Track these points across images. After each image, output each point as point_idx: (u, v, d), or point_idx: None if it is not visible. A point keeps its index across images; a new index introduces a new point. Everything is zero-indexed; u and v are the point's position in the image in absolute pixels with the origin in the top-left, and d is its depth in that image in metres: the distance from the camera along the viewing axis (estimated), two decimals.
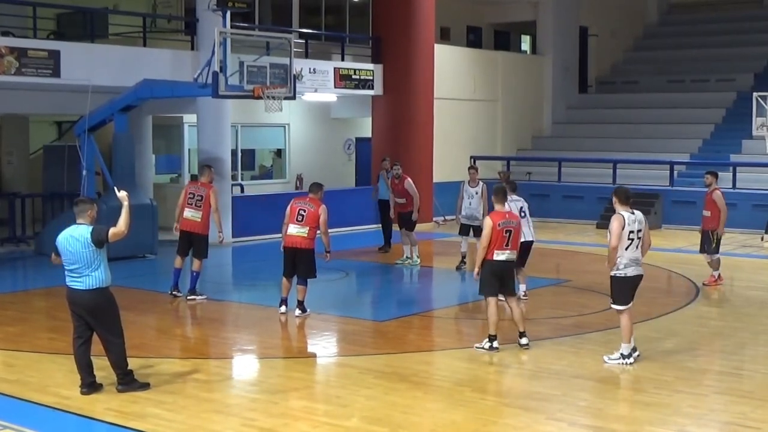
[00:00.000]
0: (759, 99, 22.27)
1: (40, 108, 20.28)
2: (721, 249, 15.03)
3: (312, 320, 12.54)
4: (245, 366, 10.61)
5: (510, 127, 28.22)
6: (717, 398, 8.85)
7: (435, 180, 23.79)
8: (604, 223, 22.53)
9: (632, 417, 8.19)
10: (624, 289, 9.83)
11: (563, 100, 30.06)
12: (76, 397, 8.65)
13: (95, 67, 17.47)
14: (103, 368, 9.78)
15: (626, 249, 9.66)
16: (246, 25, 20.10)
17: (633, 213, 9.73)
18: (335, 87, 22.31)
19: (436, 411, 8.41)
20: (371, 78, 23.10)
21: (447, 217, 23.35)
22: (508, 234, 10.29)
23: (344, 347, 11.18)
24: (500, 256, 10.24)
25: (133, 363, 9.93)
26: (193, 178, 17.02)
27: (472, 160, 26.26)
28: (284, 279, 12.56)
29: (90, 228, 8.78)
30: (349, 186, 25.29)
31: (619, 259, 9.69)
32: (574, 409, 8.49)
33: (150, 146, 22.35)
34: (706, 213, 14.87)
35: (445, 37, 28.48)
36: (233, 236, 19.73)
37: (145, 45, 19.78)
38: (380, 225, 19.32)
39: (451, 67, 25.50)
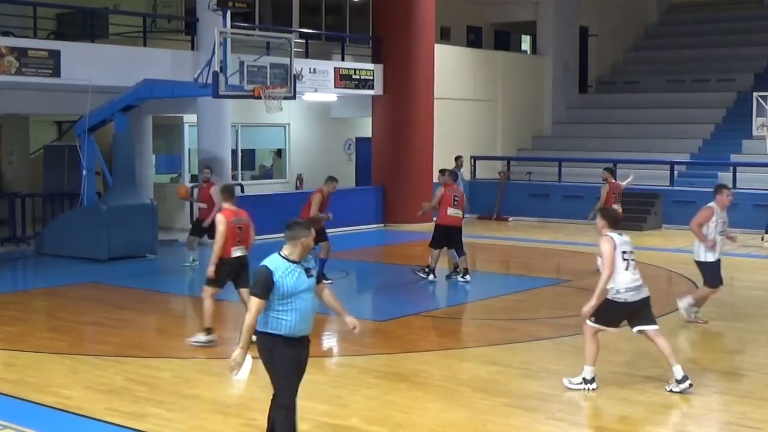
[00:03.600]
0: (759, 99, 22.28)
1: (40, 108, 20.29)
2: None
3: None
4: (245, 366, 10.59)
5: (510, 127, 28.22)
6: (717, 398, 8.85)
7: (435, 180, 23.76)
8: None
9: (632, 417, 8.18)
10: (620, 314, 9.03)
11: (563, 100, 30.06)
12: (76, 397, 8.65)
13: (95, 67, 17.47)
14: (103, 368, 9.78)
15: (624, 271, 8.89)
16: (246, 25, 20.10)
17: (621, 234, 9.08)
18: (335, 87, 22.31)
19: (436, 411, 8.40)
20: (371, 78, 23.10)
21: None
22: (240, 230, 10.70)
23: (344, 347, 11.18)
24: (236, 252, 10.73)
25: (133, 363, 9.95)
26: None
27: (472, 160, 26.31)
28: None
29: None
30: (350, 186, 25.28)
31: (614, 286, 8.87)
32: (574, 409, 8.49)
33: (150, 146, 22.35)
34: None
35: (445, 37, 28.48)
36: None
37: (145, 45, 19.78)
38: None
39: (451, 67, 25.50)
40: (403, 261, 17.49)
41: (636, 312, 9.02)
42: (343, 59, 22.87)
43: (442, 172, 15.62)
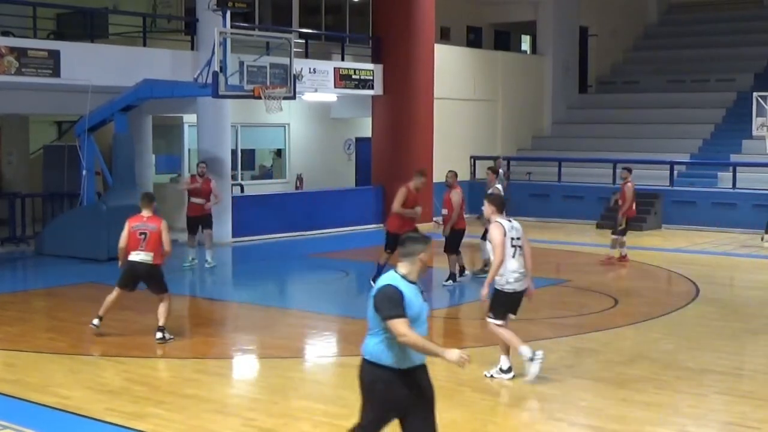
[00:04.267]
0: (759, 99, 22.28)
1: (40, 108, 20.28)
2: (721, 249, 15.03)
3: (312, 320, 12.55)
4: (245, 366, 10.62)
5: (510, 127, 28.22)
6: (717, 398, 8.85)
7: (435, 180, 23.77)
8: (604, 223, 22.65)
9: (632, 417, 8.18)
10: (507, 303, 9.20)
11: (563, 100, 30.06)
12: (76, 397, 8.65)
13: (95, 67, 17.47)
14: (103, 368, 9.79)
15: (512, 258, 8.96)
16: (246, 25, 20.10)
17: (510, 221, 9.13)
18: (335, 87, 22.30)
19: (436, 411, 8.40)
20: (371, 78, 23.10)
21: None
22: (143, 236, 10.74)
23: (344, 347, 11.18)
24: (135, 257, 10.75)
25: (133, 363, 9.95)
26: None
27: (472, 159, 26.31)
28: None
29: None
30: (349, 186, 25.29)
31: (503, 273, 8.96)
32: (574, 409, 8.49)
33: (150, 146, 22.35)
34: None
35: (445, 37, 28.47)
36: (233, 236, 19.74)
37: (145, 45, 19.78)
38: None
39: (451, 67, 25.49)
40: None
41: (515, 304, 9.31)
42: (343, 59, 22.87)
43: (455, 174, 15.16)
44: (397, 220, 14.25)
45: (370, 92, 23.28)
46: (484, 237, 15.29)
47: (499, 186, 15.57)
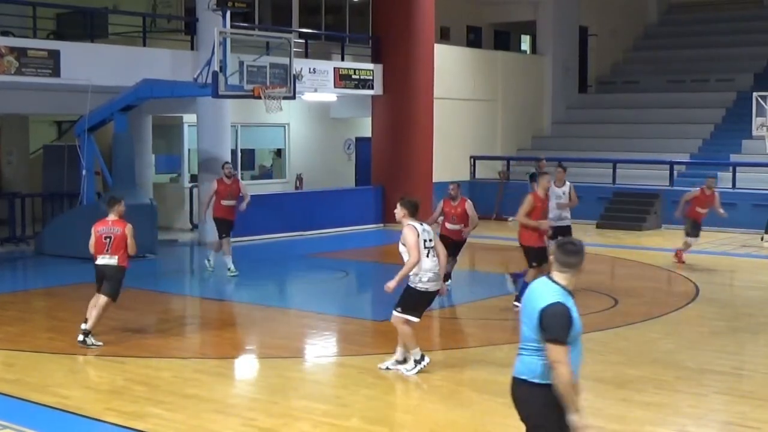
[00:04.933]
0: (759, 99, 22.28)
1: (40, 108, 20.28)
2: (721, 249, 15.03)
3: (312, 320, 12.55)
4: (245, 366, 10.62)
5: (510, 127, 28.22)
6: (717, 398, 8.85)
7: (435, 180, 23.78)
8: (604, 223, 22.66)
9: (632, 417, 8.18)
10: (422, 302, 9.42)
11: (563, 100, 30.06)
12: (76, 397, 8.65)
13: (95, 67, 17.47)
14: (103, 368, 9.78)
15: (426, 257, 9.22)
16: (246, 25, 20.10)
17: (421, 223, 9.34)
18: (335, 87, 22.30)
19: (436, 411, 8.41)
20: (371, 78, 23.10)
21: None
22: (107, 240, 10.89)
23: (344, 347, 11.18)
24: (101, 260, 10.95)
25: (133, 363, 9.94)
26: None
27: (472, 159, 26.31)
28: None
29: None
30: (349, 186, 25.29)
31: (419, 272, 9.21)
32: None
33: (150, 146, 22.36)
34: None
35: (445, 37, 28.47)
36: (233, 236, 19.70)
37: (144, 45, 19.78)
38: None
39: (451, 67, 25.50)
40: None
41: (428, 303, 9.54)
42: (342, 59, 22.87)
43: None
44: (530, 232, 12.53)
45: (370, 92, 23.28)
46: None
47: (568, 185, 15.11)
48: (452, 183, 14.27)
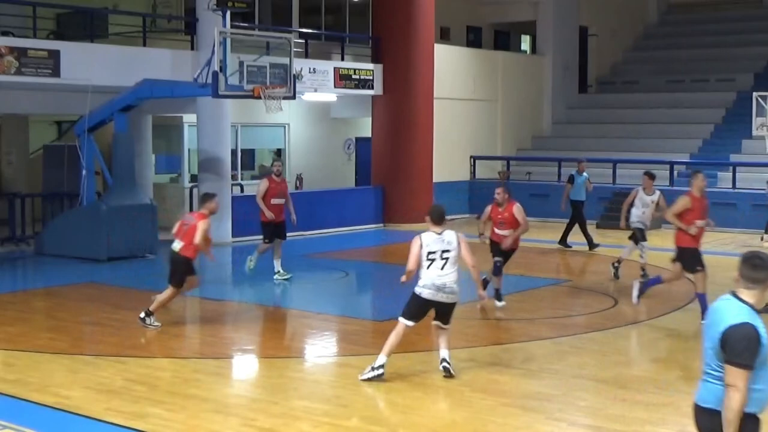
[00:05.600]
0: (759, 99, 22.29)
1: (40, 108, 20.28)
2: (721, 249, 15.02)
3: (312, 320, 12.54)
4: (245, 366, 10.61)
5: (510, 127, 28.22)
6: None
7: (435, 180, 23.79)
8: (604, 223, 22.64)
9: (632, 417, 8.18)
10: (417, 305, 9.32)
11: (563, 100, 30.06)
12: (76, 397, 8.64)
13: (95, 67, 17.47)
14: (103, 368, 9.78)
15: (427, 269, 9.21)
16: (246, 25, 20.11)
17: (440, 234, 9.24)
18: (335, 87, 22.30)
19: (436, 411, 8.40)
20: (371, 78, 23.10)
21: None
22: (185, 228, 11.37)
23: (344, 347, 11.18)
24: (173, 245, 11.49)
25: (133, 363, 9.94)
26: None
27: (472, 159, 26.30)
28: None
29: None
30: (349, 186, 25.29)
31: (420, 279, 9.30)
32: (574, 409, 8.48)
33: (150, 146, 22.35)
34: None
35: (445, 37, 28.47)
36: (233, 236, 19.73)
37: (144, 45, 19.78)
38: (574, 225, 19.12)
39: (451, 67, 25.50)
40: (402, 261, 17.44)
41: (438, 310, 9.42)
42: (342, 59, 22.87)
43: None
44: (682, 234, 12.09)
45: (370, 92, 23.28)
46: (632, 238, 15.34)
47: (657, 193, 15.17)
48: (498, 187, 13.39)
